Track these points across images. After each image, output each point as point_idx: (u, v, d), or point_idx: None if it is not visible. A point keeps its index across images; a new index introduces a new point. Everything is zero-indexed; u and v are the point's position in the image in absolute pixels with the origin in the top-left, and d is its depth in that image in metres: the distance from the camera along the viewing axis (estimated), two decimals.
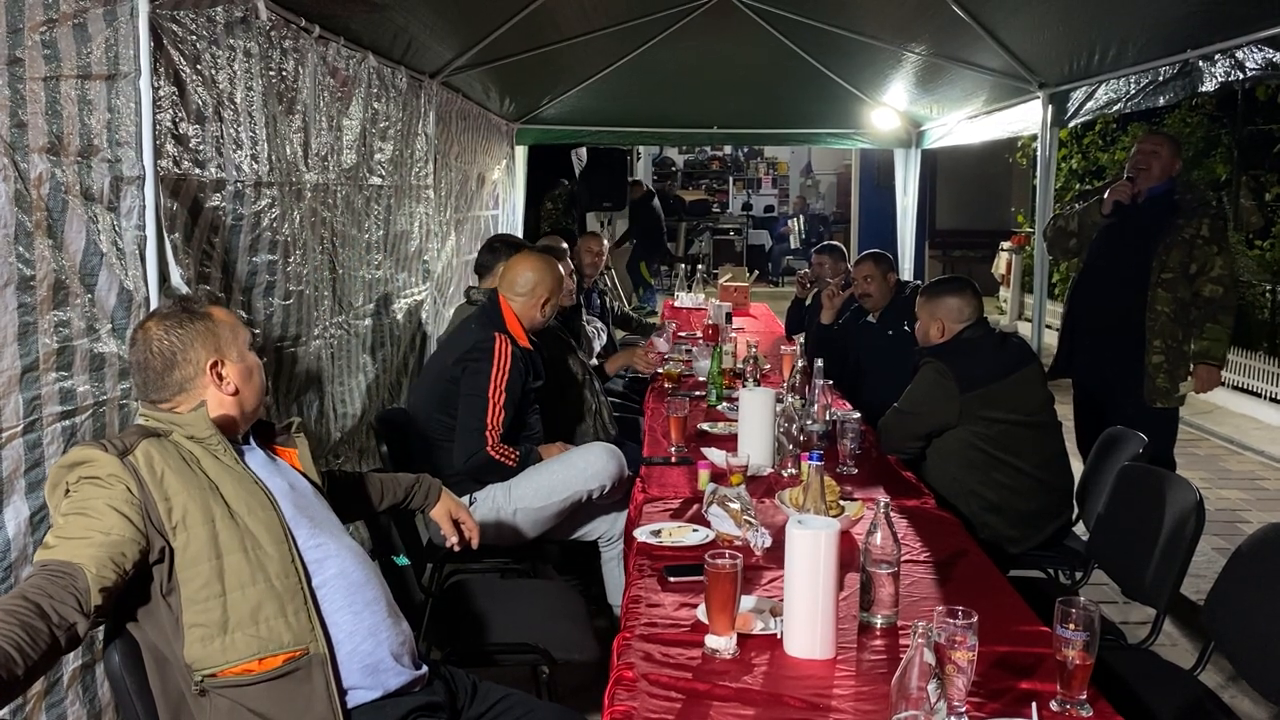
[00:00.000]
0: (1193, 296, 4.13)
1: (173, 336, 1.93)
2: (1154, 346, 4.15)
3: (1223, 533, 4.91)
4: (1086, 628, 1.75)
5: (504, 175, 7.51)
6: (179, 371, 1.93)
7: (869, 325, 5.09)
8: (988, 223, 14.44)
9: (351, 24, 3.83)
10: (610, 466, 3.31)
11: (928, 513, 2.91)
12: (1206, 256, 4.09)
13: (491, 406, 3.22)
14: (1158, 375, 4.16)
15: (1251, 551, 2.41)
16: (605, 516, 3.43)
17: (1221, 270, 4.10)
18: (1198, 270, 4.10)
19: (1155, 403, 4.18)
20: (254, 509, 1.89)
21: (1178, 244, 4.10)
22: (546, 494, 3.25)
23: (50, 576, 1.64)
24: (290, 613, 1.87)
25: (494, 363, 3.25)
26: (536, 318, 3.48)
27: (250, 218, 3.06)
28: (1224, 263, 4.11)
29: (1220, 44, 3.75)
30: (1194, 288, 4.12)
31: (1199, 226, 4.10)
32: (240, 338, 2.02)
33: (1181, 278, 4.11)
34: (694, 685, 1.86)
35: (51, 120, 2.08)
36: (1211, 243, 4.10)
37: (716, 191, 19.17)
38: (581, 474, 3.28)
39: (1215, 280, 4.10)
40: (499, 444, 3.23)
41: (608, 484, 3.30)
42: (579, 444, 3.96)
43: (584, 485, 3.27)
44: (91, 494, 1.74)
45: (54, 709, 2.12)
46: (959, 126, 7.00)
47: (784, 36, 5.99)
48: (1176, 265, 4.10)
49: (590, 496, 3.29)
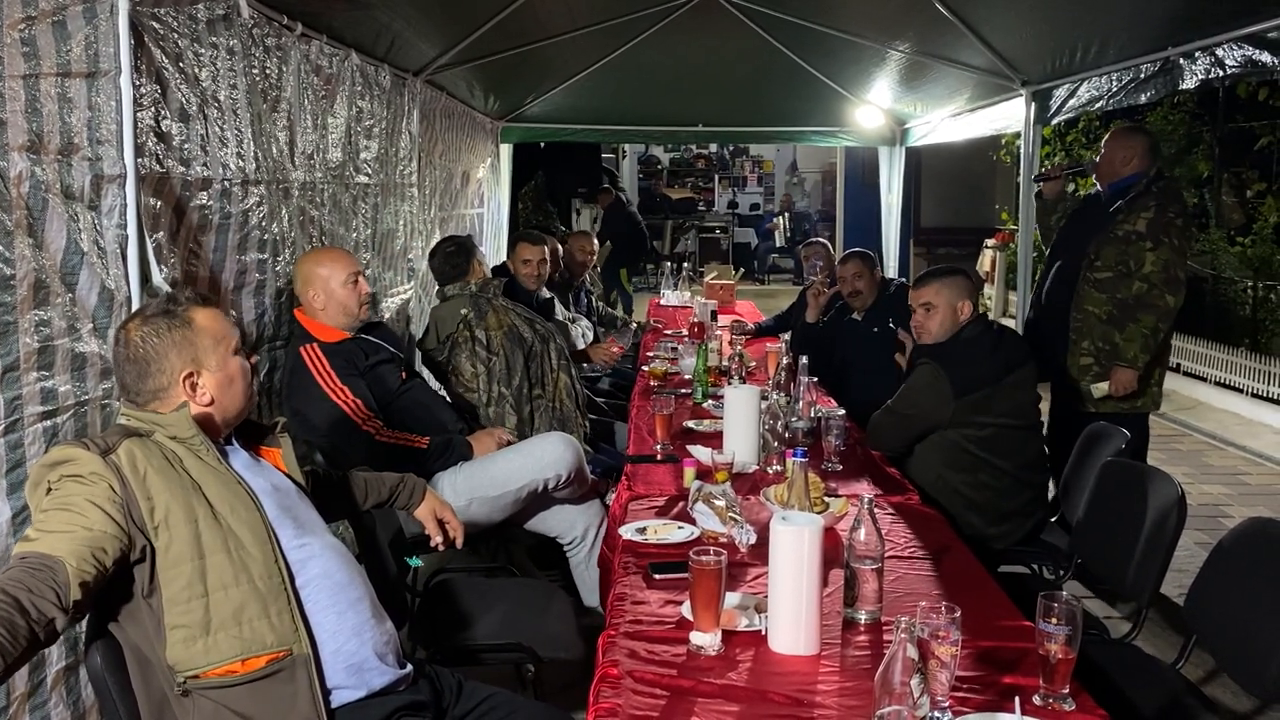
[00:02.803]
0: (1133, 297, 3.96)
1: (149, 345, 1.91)
2: (1081, 348, 4.04)
3: (1205, 528, 4.94)
4: (1069, 622, 1.76)
5: (489, 173, 7.49)
6: (153, 381, 1.92)
7: (854, 323, 5.11)
8: (972, 220, 14.47)
9: (334, 22, 3.82)
10: (567, 455, 3.30)
11: (912, 509, 2.92)
12: (1138, 252, 3.92)
13: (343, 403, 3.15)
14: (1083, 378, 4.04)
15: (1233, 546, 2.43)
16: (564, 513, 3.42)
17: (1151, 267, 3.90)
18: (1128, 270, 3.95)
19: (1087, 407, 4.05)
20: (237, 509, 1.88)
21: (1110, 240, 3.98)
22: (501, 483, 3.25)
23: (29, 569, 1.62)
24: (273, 614, 1.86)
25: (312, 371, 3.16)
26: (347, 302, 3.28)
27: (238, 216, 3.05)
28: (1155, 259, 3.90)
29: (1200, 42, 3.77)
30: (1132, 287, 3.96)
31: (1134, 222, 3.95)
32: (224, 344, 1.99)
33: (1120, 277, 3.97)
34: (679, 682, 1.86)
35: (31, 118, 2.07)
36: (1146, 238, 3.92)
37: (702, 190, 19.21)
38: (538, 462, 3.27)
39: (1142, 278, 3.92)
40: (374, 420, 3.17)
41: (563, 473, 3.29)
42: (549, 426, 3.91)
43: (539, 474, 3.26)
44: (74, 490, 1.73)
45: (38, 710, 2.11)
46: (943, 124, 7.03)
47: (768, 34, 5.99)
48: (1111, 262, 3.97)
49: (546, 486, 3.28)
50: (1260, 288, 8.59)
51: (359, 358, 3.29)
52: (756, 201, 19.07)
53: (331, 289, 3.26)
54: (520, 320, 4.06)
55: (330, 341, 3.25)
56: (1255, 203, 9.39)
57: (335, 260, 3.31)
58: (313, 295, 3.27)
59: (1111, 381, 4.01)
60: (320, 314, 3.28)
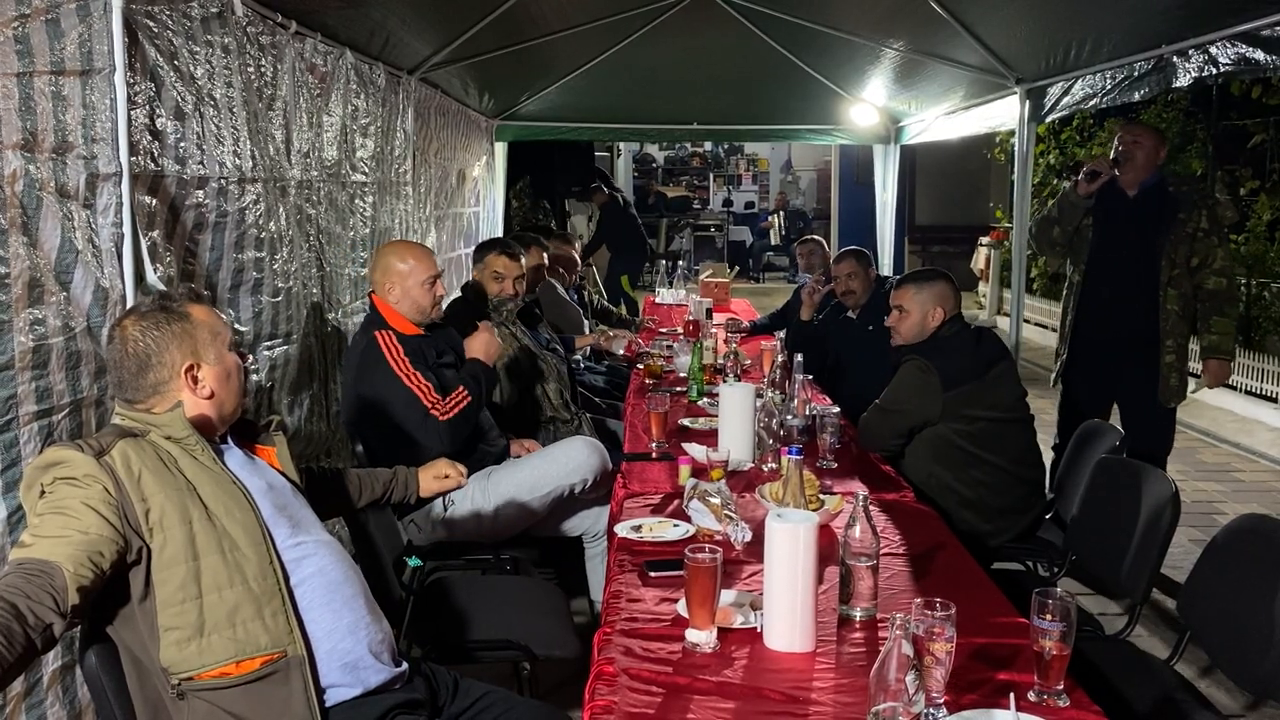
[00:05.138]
0: (1195, 290, 4.10)
1: (148, 338, 1.90)
2: (1166, 346, 4.10)
3: (1199, 524, 4.95)
4: (1063, 618, 1.76)
5: (484, 172, 7.49)
6: (153, 374, 1.90)
7: (849, 321, 5.11)
8: (966, 218, 14.51)
9: (328, 20, 3.82)
10: (592, 460, 3.31)
11: (906, 506, 2.92)
12: (1208, 249, 4.07)
13: (415, 387, 3.18)
14: (1171, 375, 4.11)
15: (1226, 542, 2.44)
16: (588, 512, 3.43)
17: (1223, 262, 4.09)
18: (1199, 263, 4.08)
19: (1169, 402, 4.13)
20: (232, 510, 1.88)
21: (1183, 239, 4.07)
22: (529, 489, 3.24)
23: (26, 575, 1.61)
24: (268, 615, 1.86)
25: (386, 356, 3.20)
26: (422, 302, 3.33)
27: (235, 214, 3.04)
28: (1224, 254, 4.10)
29: (1194, 39, 3.78)
30: (1195, 281, 4.09)
31: (1199, 219, 4.08)
32: (220, 339, 1.98)
33: (1185, 273, 4.09)
34: (674, 679, 1.87)
35: (25, 116, 2.06)
36: (1211, 234, 4.09)
37: (697, 188, 19.19)
38: (563, 468, 3.27)
39: (1218, 272, 4.09)
40: (442, 403, 3.19)
41: (590, 478, 3.30)
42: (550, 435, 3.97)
43: (565, 479, 3.27)
44: (68, 494, 1.72)
45: (34, 710, 2.11)
46: (937, 122, 7.03)
47: (763, 32, 6.00)
48: (1182, 261, 4.08)
49: (572, 490, 3.29)
50: (1254, 285, 8.61)
51: (429, 353, 3.33)
52: (751, 200, 19.07)
53: (409, 286, 3.30)
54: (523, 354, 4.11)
55: (405, 332, 3.29)
56: (1249, 200, 9.40)
57: (419, 259, 3.35)
58: (389, 287, 3.31)
59: (1208, 374, 4.18)
60: (395, 305, 3.32)
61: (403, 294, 3.31)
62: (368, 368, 3.21)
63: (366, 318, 3.42)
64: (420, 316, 3.35)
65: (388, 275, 3.31)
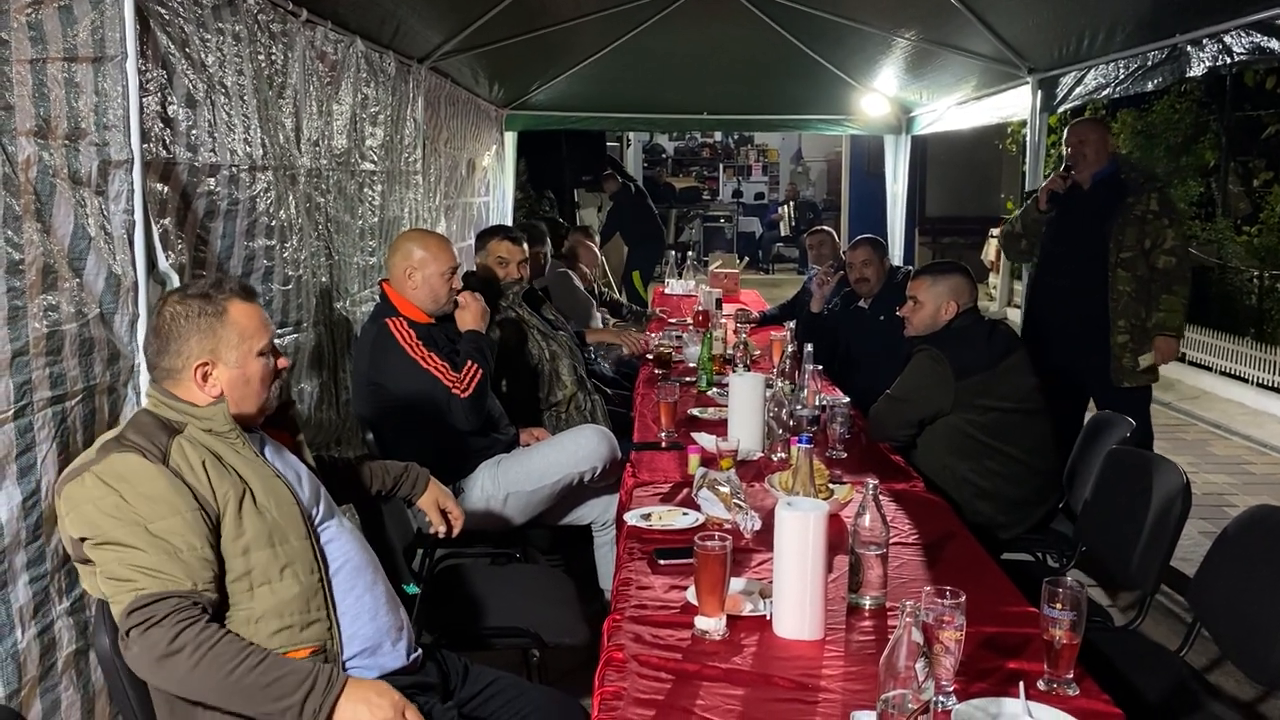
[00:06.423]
0: (1150, 271, 4.20)
1: (175, 324, 1.91)
2: (1118, 326, 4.22)
3: (1209, 516, 4.94)
4: (1073, 607, 1.77)
5: (494, 161, 7.48)
6: (168, 359, 1.92)
7: (861, 311, 5.09)
8: (978, 209, 14.45)
9: (338, 8, 3.81)
10: (601, 448, 3.31)
11: (916, 496, 2.92)
12: (1158, 230, 4.18)
13: (433, 369, 3.19)
14: (1123, 355, 4.22)
15: (1237, 534, 2.44)
16: (598, 500, 3.44)
17: (1174, 241, 4.19)
18: (1151, 245, 4.18)
19: (1122, 382, 4.24)
20: (280, 503, 1.90)
21: (1130, 221, 4.19)
22: (538, 478, 3.25)
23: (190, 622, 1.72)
24: (313, 608, 1.89)
25: (400, 342, 3.21)
26: (439, 292, 3.32)
27: (246, 202, 3.05)
28: (1175, 234, 4.21)
29: (1208, 29, 3.76)
30: (1149, 262, 4.19)
31: (1148, 201, 4.21)
32: (250, 342, 1.95)
33: (1139, 255, 4.19)
34: (684, 666, 1.87)
35: (39, 103, 2.07)
36: (1162, 216, 4.20)
37: (707, 179, 19.20)
38: (572, 456, 3.28)
39: (1168, 252, 4.18)
40: (459, 379, 3.20)
41: (599, 466, 3.30)
42: (562, 422, 3.97)
43: (575, 468, 3.27)
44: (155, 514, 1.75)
45: (48, 694, 2.12)
46: (949, 112, 7.00)
47: (774, 22, 5.97)
48: (1133, 243, 4.19)
49: (582, 479, 3.29)
50: (1266, 277, 8.57)
51: (441, 341, 3.33)
52: (761, 190, 19.06)
53: (429, 274, 3.30)
54: (534, 335, 4.10)
55: (417, 321, 3.29)
56: (1262, 192, 9.35)
57: (440, 249, 3.35)
58: (409, 272, 3.30)
59: (1156, 351, 4.22)
60: (410, 293, 3.32)
61: (422, 281, 3.30)
62: (381, 355, 3.22)
63: (376, 306, 3.43)
64: (435, 307, 3.34)
65: (409, 260, 3.30)
